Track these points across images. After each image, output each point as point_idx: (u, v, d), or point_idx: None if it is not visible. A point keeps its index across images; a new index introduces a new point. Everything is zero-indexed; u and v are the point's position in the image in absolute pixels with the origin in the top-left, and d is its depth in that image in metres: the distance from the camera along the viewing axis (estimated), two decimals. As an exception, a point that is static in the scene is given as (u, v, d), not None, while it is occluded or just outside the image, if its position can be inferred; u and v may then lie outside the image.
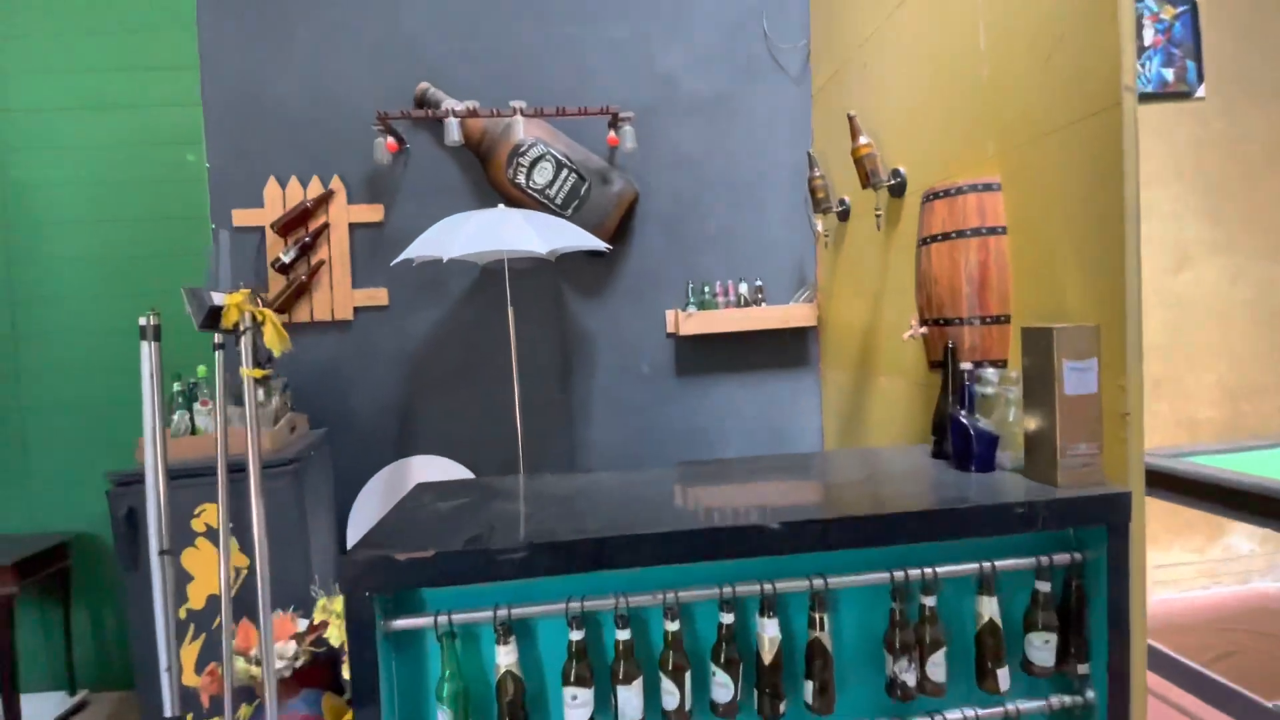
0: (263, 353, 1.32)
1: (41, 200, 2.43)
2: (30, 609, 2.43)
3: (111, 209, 2.45)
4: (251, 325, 1.26)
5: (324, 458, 2.37)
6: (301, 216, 2.43)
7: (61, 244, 2.45)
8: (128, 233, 2.45)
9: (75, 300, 2.47)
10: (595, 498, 1.36)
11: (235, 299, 1.22)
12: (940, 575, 1.18)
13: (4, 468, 2.46)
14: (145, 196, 2.47)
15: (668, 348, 2.66)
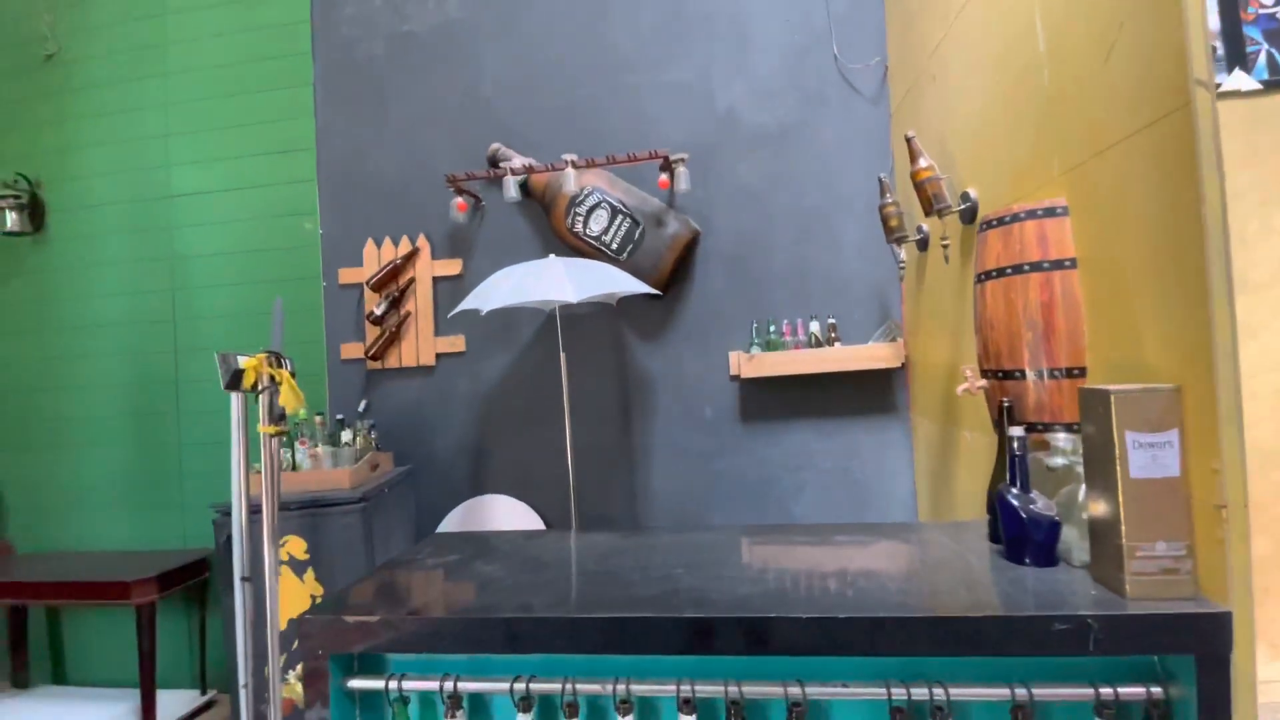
0: (277, 411, 1.45)
1: (197, 268, 2.94)
2: (175, 615, 2.87)
3: (248, 273, 2.89)
4: (270, 386, 1.39)
5: (404, 494, 2.55)
6: (392, 273, 2.68)
7: (212, 303, 2.94)
8: (260, 291, 2.87)
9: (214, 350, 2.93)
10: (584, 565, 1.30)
11: (252, 363, 1.36)
12: (956, 698, 0.96)
13: (164, 493, 2.96)
14: (273, 261, 2.88)
15: (731, 391, 2.52)
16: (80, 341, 3.09)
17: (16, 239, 3.10)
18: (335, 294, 2.78)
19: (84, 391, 3.09)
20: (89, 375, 3.08)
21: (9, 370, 3.14)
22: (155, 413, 3.00)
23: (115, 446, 3.04)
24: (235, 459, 1.85)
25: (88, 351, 3.08)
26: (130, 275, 3.04)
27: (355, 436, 2.42)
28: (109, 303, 3.07)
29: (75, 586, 2.59)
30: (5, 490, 3.15)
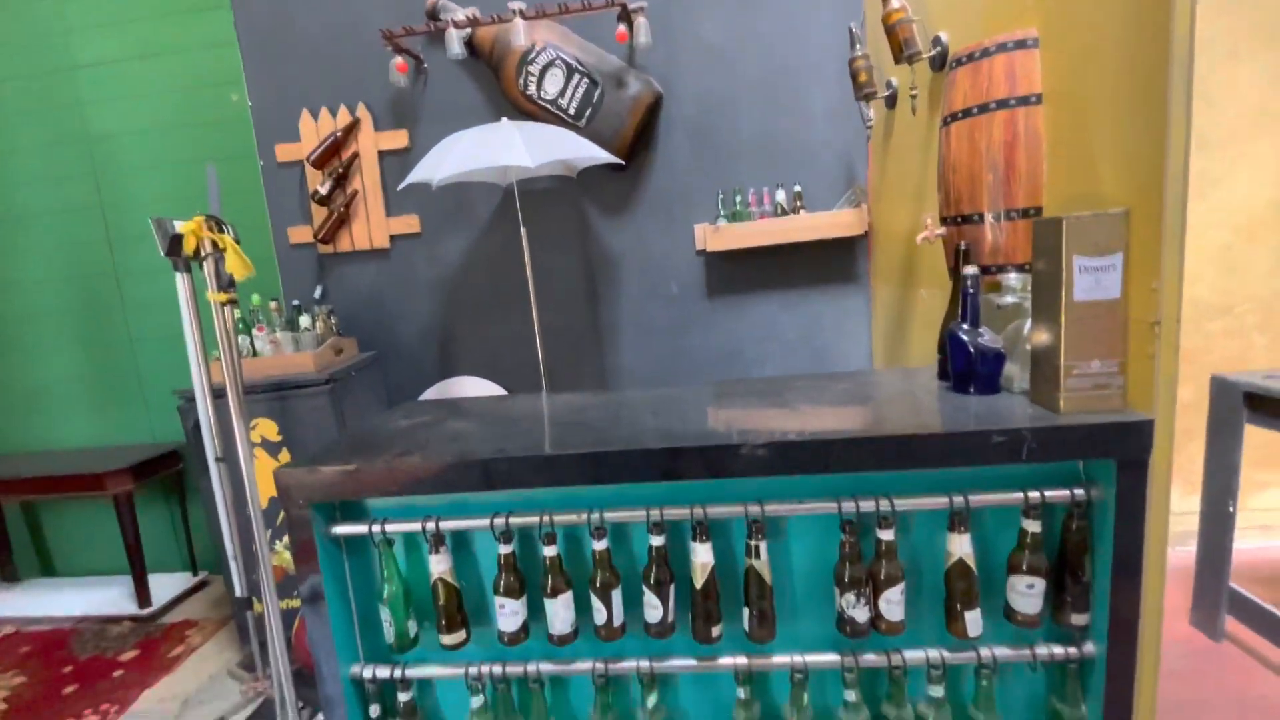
0: (225, 277, 1.39)
1: (119, 149, 2.70)
2: (156, 505, 2.91)
3: (175, 152, 2.67)
4: (214, 252, 1.32)
5: (373, 378, 2.54)
6: (333, 148, 2.50)
7: (140, 189, 2.73)
8: (192, 172, 2.66)
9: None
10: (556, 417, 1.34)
11: (190, 226, 1.28)
12: (901, 509, 1.05)
13: (124, 389, 2.90)
14: (201, 138, 2.66)
15: (697, 266, 2.51)
16: (5, 236, 2.87)
17: (-97, 121, 2.78)
18: (275, 173, 2.60)
19: (21, 288, 2.92)
20: (23, 271, 2.90)
21: (-73, 268, 2.93)
22: (100, 307, 2.86)
23: (65, 344, 2.92)
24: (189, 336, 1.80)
25: (16, 246, 2.87)
26: (45, 160, 2.79)
27: (314, 321, 2.37)
28: (27, 191, 2.83)
29: (48, 481, 2.58)
30: (-47, 395, 3.05)
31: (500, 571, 1.13)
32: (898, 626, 1.07)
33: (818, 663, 1.11)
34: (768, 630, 1.10)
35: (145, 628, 2.58)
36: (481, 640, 1.21)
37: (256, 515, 1.80)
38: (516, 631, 1.13)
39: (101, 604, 2.73)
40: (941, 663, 1.09)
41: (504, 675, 1.16)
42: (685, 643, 1.16)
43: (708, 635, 1.11)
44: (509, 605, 1.12)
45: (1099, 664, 1.07)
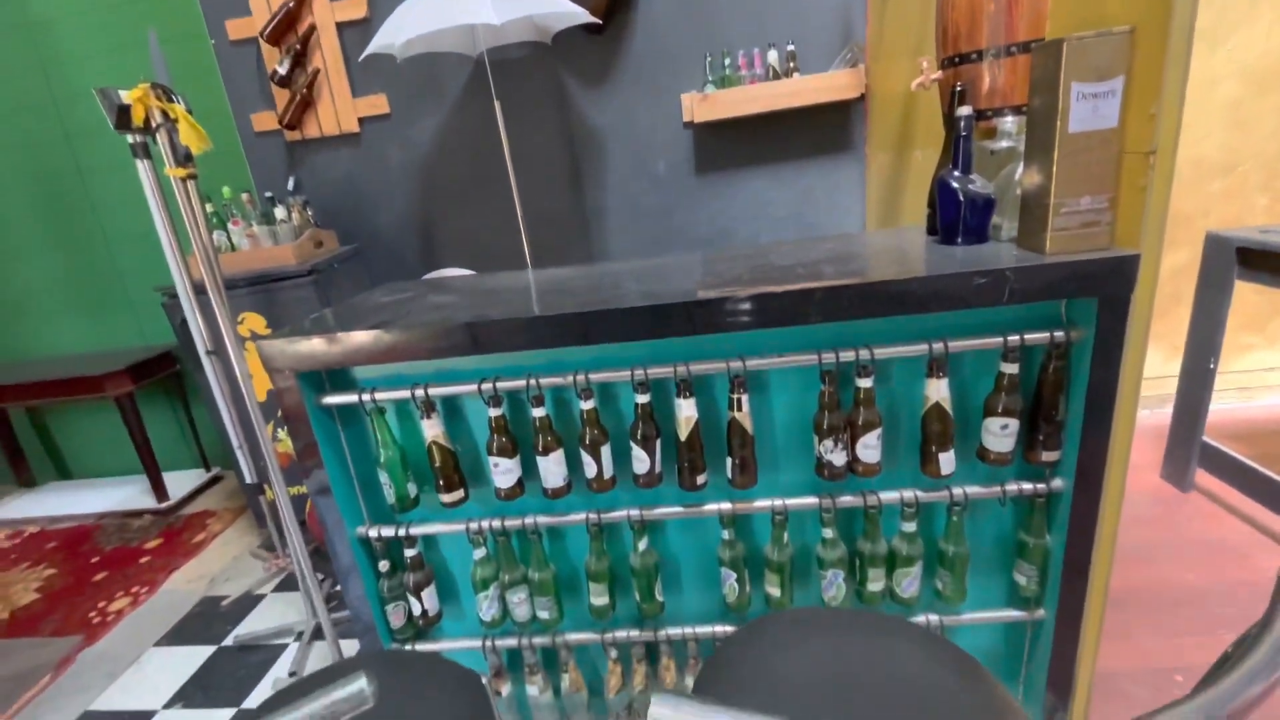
0: (181, 150, 1.32)
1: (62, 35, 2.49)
2: (160, 407, 2.96)
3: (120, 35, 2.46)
4: (164, 123, 1.25)
5: (356, 270, 2.50)
6: (287, 20, 2.30)
7: (90, 78, 2.54)
8: (137, 58, 2.47)
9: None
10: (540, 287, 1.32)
11: (136, 94, 1.20)
12: (881, 357, 1.06)
13: (107, 292, 2.86)
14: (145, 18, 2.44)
15: (685, 140, 2.40)
16: (-51, 135, 2.71)
17: None
18: (229, 53, 2.41)
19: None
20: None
21: (-122, 174, 2.80)
22: (69, 207, 2.76)
23: (39, 249, 2.85)
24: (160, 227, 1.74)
25: (-38, 145, 2.72)
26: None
27: (290, 213, 2.29)
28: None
29: (49, 385, 2.61)
30: (-63, 307, 3.01)
31: (492, 433, 1.16)
32: (874, 469, 1.12)
33: (797, 505, 1.17)
34: (749, 477, 1.15)
35: (165, 520, 2.71)
36: (480, 498, 1.27)
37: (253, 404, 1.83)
38: (512, 488, 1.18)
39: (121, 501, 2.85)
40: (915, 501, 1.15)
41: (503, 529, 1.22)
42: (672, 492, 1.22)
43: (693, 484, 1.16)
44: (503, 464, 1.16)
45: (1065, 499, 1.13)
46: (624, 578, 1.29)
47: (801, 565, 1.27)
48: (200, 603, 2.12)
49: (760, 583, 1.26)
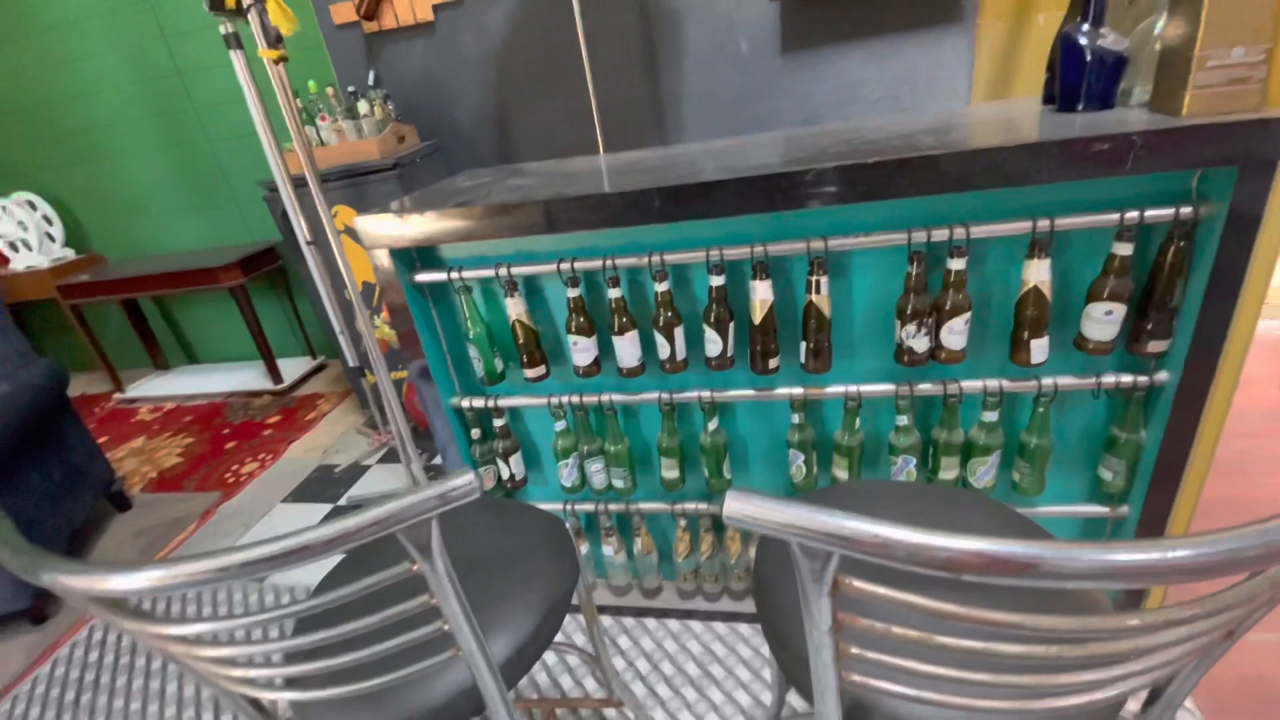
0: (271, 32, 1.35)
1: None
2: (270, 299, 3.21)
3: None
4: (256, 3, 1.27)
5: (436, 165, 2.54)
6: (358, -103, 2.23)
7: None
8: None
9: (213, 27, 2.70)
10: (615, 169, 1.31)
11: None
12: (977, 236, 1.00)
13: (209, 190, 3.06)
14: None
15: (771, 16, 2.21)
16: (71, 38, 2.88)
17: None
18: (304, -61, 2.38)
19: (95, 96, 3.00)
20: (92, 78, 2.95)
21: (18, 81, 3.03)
22: (173, 109, 2.92)
23: (148, 150, 3.06)
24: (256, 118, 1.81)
25: (84, 50, 2.89)
26: (76, -53, 2.67)
27: (372, 107, 2.33)
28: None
29: (170, 276, 2.88)
30: (73, 205, 3.33)
31: (571, 313, 1.20)
32: (958, 355, 1.09)
33: (872, 392, 1.16)
34: (823, 363, 1.15)
35: (281, 400, 3.03)
36: (560, 375, 1.34)
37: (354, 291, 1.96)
38: (589, 366, 1.24)
39: (242, 382, 3.19)
40: (999, 391, 1.11)
41: (581, 404, 1.29)
42: (743, 375, 1.24)
43: (765, 368, 1.17)
44: (581, 343, 1.21)
45: (1168, 393, 1.06)
46: (693, 454, 1.35)
47: (871, 451, 1.28)
48: (316, 470, 2.40)
49: (828, 466, 1.29)
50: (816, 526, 0.36)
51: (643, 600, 1.55)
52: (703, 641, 1.44)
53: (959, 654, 0.40)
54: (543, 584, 0.77)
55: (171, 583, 0.47)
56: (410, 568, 0.50)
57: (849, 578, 0.39)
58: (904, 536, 0.34)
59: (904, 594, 0.38)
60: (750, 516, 0.37)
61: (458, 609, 0.54)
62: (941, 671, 0.43)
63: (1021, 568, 0.32)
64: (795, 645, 0.67)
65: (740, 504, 0.37)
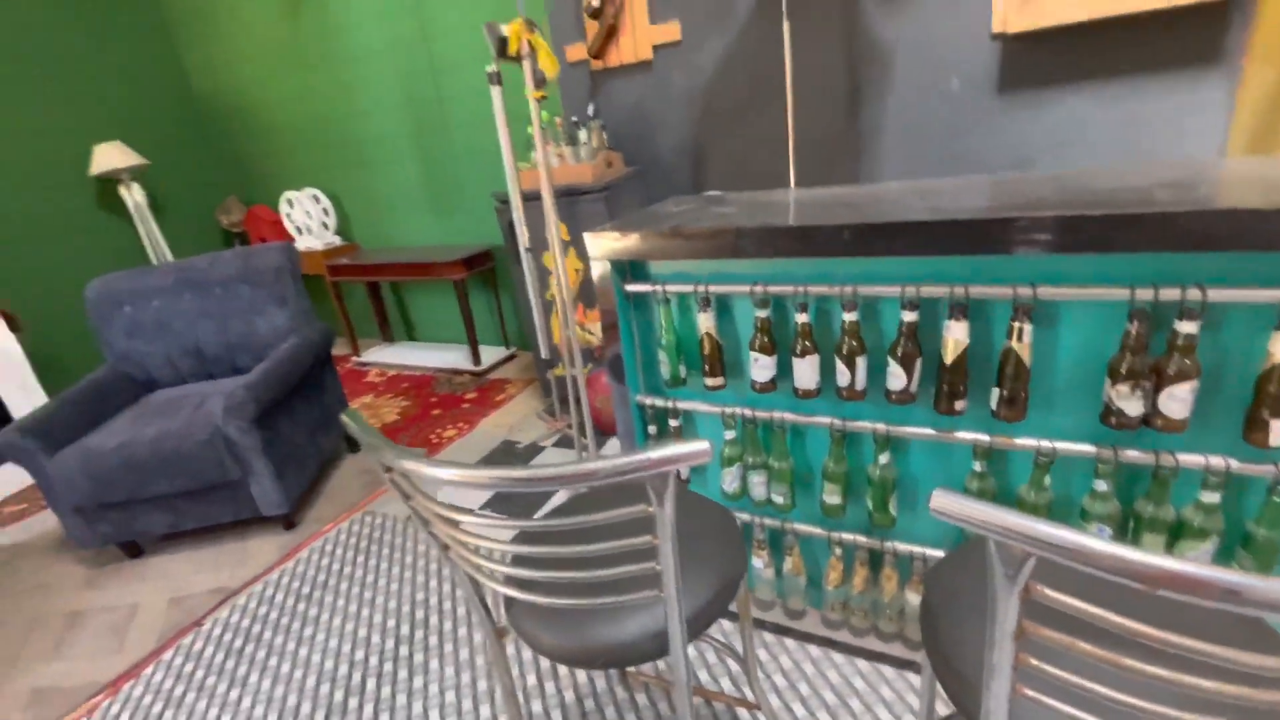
0: (538, 75, 1.62)
1: None
2: (480, 293, 3.72)
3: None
4: (529, 53, 1.54)
5: (636, 189, 2.80)
6: (604, -46, 2.56)
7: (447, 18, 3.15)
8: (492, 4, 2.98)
9: (471, 65, 3.23)
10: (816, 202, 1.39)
11: (514, 27, 1.50)
12: (1216, 300, 0.94)
13: (445, 198, 3.62)
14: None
15: (989, 54, 2.15)
16: (361, 69, 3.61)
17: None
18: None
19: (372, 115, 3.71)
20: (372, 100, 3.66)
21: (315, 100, 3.85)
22: (430, 129, 3.53)
23: (405, 160, 3.71)
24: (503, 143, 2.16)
25: (369, 79, 3.61)
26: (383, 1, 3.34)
27: (590, 135, 2.63)
28: (366, 32, 3.46)
29: (408, 267, 3.46)
30: (344, 203, 4.13)
31: (756, 332, 1.30)
32: (1178, 424, 1.01)
33: (1069, 451, 1.11)
34: (1017, 412, 1.12)
35: (478, 380, 3.48)
36: (736, 388, 1.44)
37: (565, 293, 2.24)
38: (766, 383, 1.32)
39: (449, 361, 3.72)
40: (1225, 470, 1.01)
41: (753, 417, 1.38)
42: (925, 413, 1.24)
43: (950, 409, 1.17)
44: (762, 360, 1.30)
45: None
46: (859, 484, 1.37)
47: (1058, 512, 1.22)
48: (501, 444, 2.74)
49: (1005, 520, 1.24)
50: (1018, 528, 0.41)
51: (785, 619, 1.59)
52: (843, 673, 1.44)
53: (1145, 682, 0.43)
54: (718, 563, 0.87)
55: (468, 480, 0.64)
56: (646, 509, 0.62)
57: (1041, 585, 0.44)
58: (1106, 548, 0.38)
59: (1096, 608, 0.42)
60: (955, 510, 0.43)
61: (670, 553, 0.65)
62: (1124, 698, 0.45)
63: (1225, 593, 0.35)
64: (964, 667, 0.70)
65: (947, 499, 0.44)
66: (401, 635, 1.77)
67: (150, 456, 2.00)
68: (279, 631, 1.86)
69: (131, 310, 2.43)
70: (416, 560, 2.08)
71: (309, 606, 1.94)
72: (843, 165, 2.50)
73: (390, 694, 1.59)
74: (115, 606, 2.10)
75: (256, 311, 2.44)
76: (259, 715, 1.59)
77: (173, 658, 1.83)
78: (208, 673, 1.76)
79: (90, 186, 3.80)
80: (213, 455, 2.03)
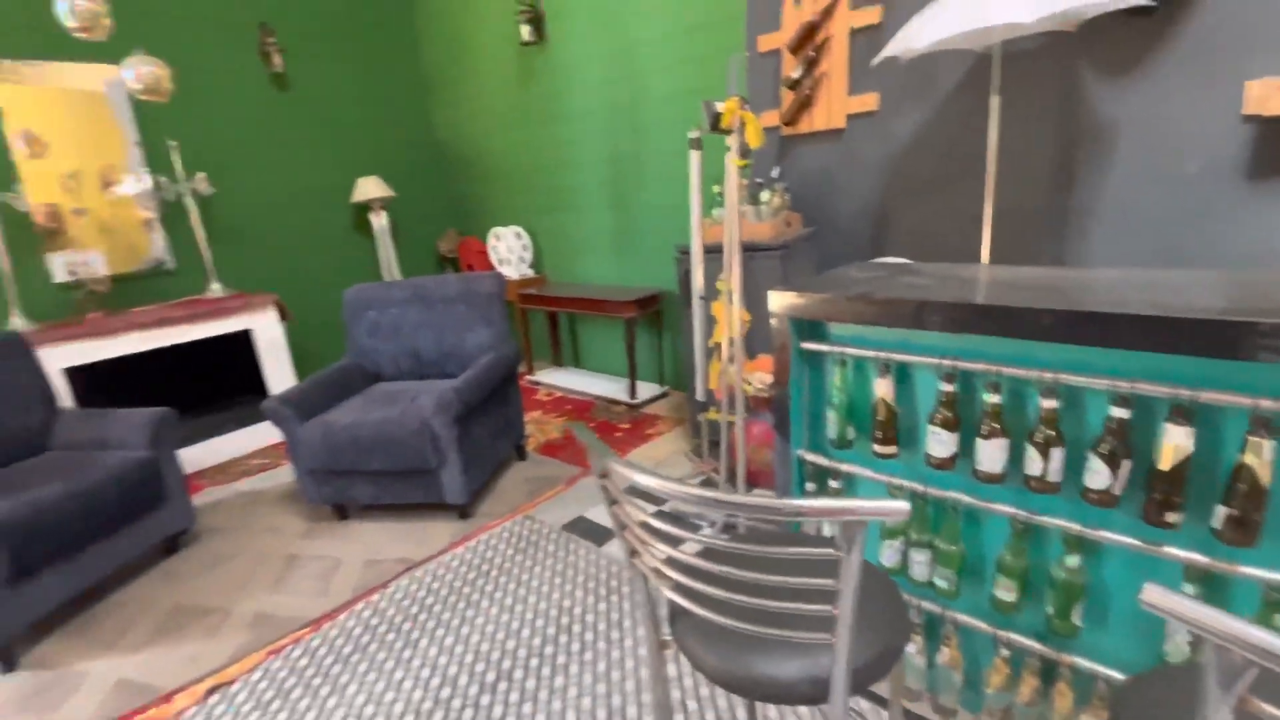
0: (743, 147, 1.76)
1: (647, 53, 3.47)
2: (644, 332, 3.96)
3: (682, 51, 3.29)
4: (739, 126, 1.70)
5: (810, 250, 2.86)
6: (809, 33, 2.71)
7: (655, 86, 3.49)
8: (692, 70, 3.27)
9: (670, 128, 3.53)
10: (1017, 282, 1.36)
11: (730, 105, 1.67)
12: None
13: (628, 244, 3.93)
14: (702, 39, 3.20)
15: (1238, 137, 1.94)
16: (574, 127, 4.09)
17: (528, 48, 4.12)
18: (757, 63, 2.98)
19: (577, 167, 4.17)
20: (580, 155, 4.12)
21: (534, 152, 4.42)
22: (624, 182, 3.89)
23: (599, 208, 4.10)
24: (693, 201, 2.36)
25: (579, 135, 4.08)
26: (602, 68, 3.79)
27: (772, 196, 2.76)
28: (588, 94, 3.93)
29: (586, 301, 3.79)
30: (540, 240, 4.64)
31: (938, 406, 1.29)
32: None
33: (1315, 591, 0.97)
34: (1247, 536, 1.00)
35: (633, 413, 3.68)
36: (908, 459, 1.42)
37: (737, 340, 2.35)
38: (944, 459, 1.30)
39: (608, 390, 3.98)
40: None
41: (924, 493, 1.35)
42: (1127, 519, 1.15)
43: (1160, 519, 1.07)
44: (942, 435, 1.29)
45: None
46: (1038, 584, 1.28)
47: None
48: (649, 477, 2.87)
49: (1221, 658, 1.09)
50: (1243, 634, 0.41)
51: (932, 713, 1.50)
52: (995, 787, 1.32)
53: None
54: (884, 627, 0.89)
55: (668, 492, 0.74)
56: (835, 554, 0.68)
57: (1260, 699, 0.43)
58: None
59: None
60: (1172, 609, 0.44)
61: (850, 601, 0.70)
62: None
63: None
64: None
65: (1161, 594, 0.45)
66: (548, 635, 1.93)
67: (372, 437, 2.41)
68: (446, 607, 2.11)
69: (374, 315, 2.95)
70: (568, 570, 2.25)
71: (472, 591, 2.18)
72: (1045, 246, 2.36)
73: (534, 687, 1.74)
74: (323, 557, 2.51)
75: (467, 327, 2.84)
76: (424, 676, 1.82)
77: (362, 610, 2.15)
78: (388, 629, 2.04)
79: (349, 211, 4.67)
80: (419, 444, 2.39)
